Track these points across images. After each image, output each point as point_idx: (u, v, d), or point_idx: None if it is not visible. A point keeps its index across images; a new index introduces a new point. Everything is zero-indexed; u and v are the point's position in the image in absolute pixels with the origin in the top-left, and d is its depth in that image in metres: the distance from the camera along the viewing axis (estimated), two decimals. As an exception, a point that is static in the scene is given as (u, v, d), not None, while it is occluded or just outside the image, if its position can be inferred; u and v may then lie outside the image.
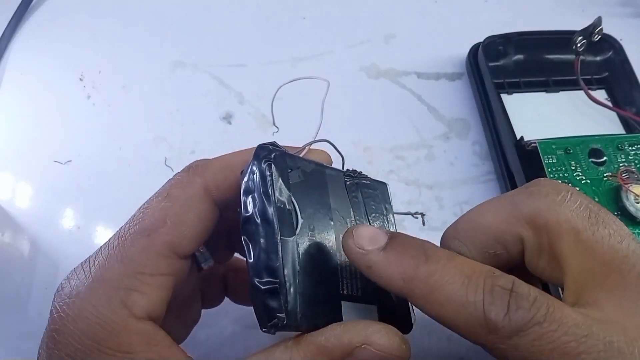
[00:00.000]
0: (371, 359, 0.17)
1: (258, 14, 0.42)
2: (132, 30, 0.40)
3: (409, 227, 0.33)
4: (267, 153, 0.19)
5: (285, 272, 0.17)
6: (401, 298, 0.19)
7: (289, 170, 0.19)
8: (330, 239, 0.20)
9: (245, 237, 0.18)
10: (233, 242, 0.24)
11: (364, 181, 0.23)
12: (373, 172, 0.35)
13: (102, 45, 0.39)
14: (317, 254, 0.19)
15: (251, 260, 0.18)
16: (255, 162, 0.19)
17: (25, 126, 0.36)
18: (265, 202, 0.18)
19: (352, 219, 0.21)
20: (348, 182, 0.22)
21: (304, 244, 0.18)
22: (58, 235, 0.31)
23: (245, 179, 0.18)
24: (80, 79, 0.38)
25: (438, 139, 0.36)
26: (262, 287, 0.17)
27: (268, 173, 0.18)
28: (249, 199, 0.18)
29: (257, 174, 0.18)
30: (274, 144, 0.20)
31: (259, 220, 0.18)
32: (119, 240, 0.18)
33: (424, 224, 0.25)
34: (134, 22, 0.41)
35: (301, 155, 0.21)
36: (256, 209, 0.18)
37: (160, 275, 0.18)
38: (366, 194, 0.23)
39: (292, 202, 0.19)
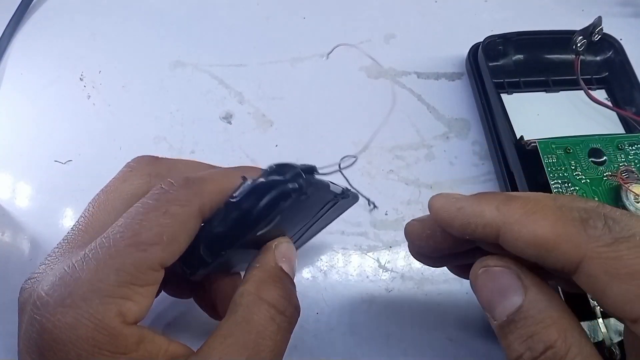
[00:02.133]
0: (287, 249, 0.23)
1: (258, 13, 0.42)
2: (132, 30, 0.40)
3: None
4: (297, 183, 0.20)
5: (218, 259, 0.21)
6: None
7: (301, 197, 0.20)
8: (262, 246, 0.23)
9: (227, 207, 0.20)
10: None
11: (342, 201, 0.24)
12: (373, 172, 0.35)
13: (102, 45, 0.39)
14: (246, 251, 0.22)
15: (212, 227, 0.20)
16: (282, 184, 0.20)
17: (25, 126, 0.36)
18: (260, 213, 0.20)
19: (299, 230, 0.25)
20: (330, 203, 0.24)
21: (247, 241, 0.21)
22: (58, 235, 0.31)
23: (264, 180, 0.20)
24: (80, 79, 0.38)
25: (438, 138, 0.36)
26: (201, 254, 0.21)
27: (284, 203, 0.20)
28: (252, 193, 0.20)
29: (276, 192, 0.20)
30: (309, 169, 0.21)
31: (238, 213, 0.20)
32: (113, 250, 0.19)
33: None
34: (134, 22, 0.41)
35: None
36: (247, 205, 0.20)
37: (149, 286, 0.19)
38: (334, 209, 0.25)
39: (275, 219, 0.21)
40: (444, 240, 0.22)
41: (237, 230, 0.20)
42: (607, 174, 0.31)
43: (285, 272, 0.22)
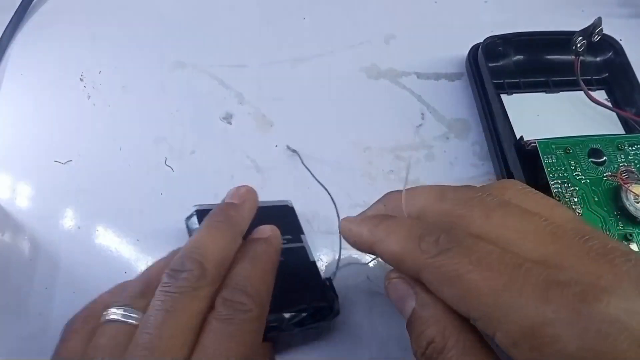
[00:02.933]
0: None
1: (258, 14, 0.42)
2: (132, 30, 0.40)
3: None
4: None
5: None
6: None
7: None
8: None
9: None
10: None
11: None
12: (373, 173, 0.35)
13: (102, 45, 0.39)
14: None
15: None
16: None
17: (25, 126, 0.36)
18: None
19: None
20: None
21: None
22: (58, 235, 0.31)
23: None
24: (81, 79, 0.38)
25: (438, 139, 0.36)
26: None
27: None
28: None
29: None
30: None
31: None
32: None
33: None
34: (134, 22, 0.41)
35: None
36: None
37: None
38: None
39: None
40: None
41: None
42: (607, 174, 0.31)
43: None
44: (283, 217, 0.30)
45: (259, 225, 0.27)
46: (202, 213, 0.28)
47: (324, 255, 0.31)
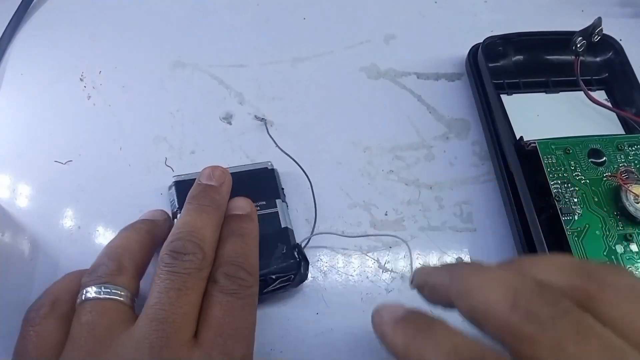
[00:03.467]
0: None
1: (258, 14, 0.42)
2: (132, 30, 0.40)
3: (408, 227, 0.33)
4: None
5: None
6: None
7: None
8: None
9: None
10: None
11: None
12: (373, 173, 0.35)
13: (102, 45, 0.39)
14: None
15: None
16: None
17: (25, 126, 0.36)
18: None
19: None
20: None
21: None
22: (58, 235, 0.31)
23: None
24: (81, 79, 0.38)
25: (438, 139, 0.36)
26: None
27: None
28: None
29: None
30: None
31: None
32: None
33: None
34: (134, 22, 0.41)
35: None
36: None
37: None
38: None
39: None
40: None
41: None
42: (606, 174, 0.31)
43: None
44: (262, 181, 0.32)
45: (238, 191, 0.30)
46: (180, 184, 0.31)
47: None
